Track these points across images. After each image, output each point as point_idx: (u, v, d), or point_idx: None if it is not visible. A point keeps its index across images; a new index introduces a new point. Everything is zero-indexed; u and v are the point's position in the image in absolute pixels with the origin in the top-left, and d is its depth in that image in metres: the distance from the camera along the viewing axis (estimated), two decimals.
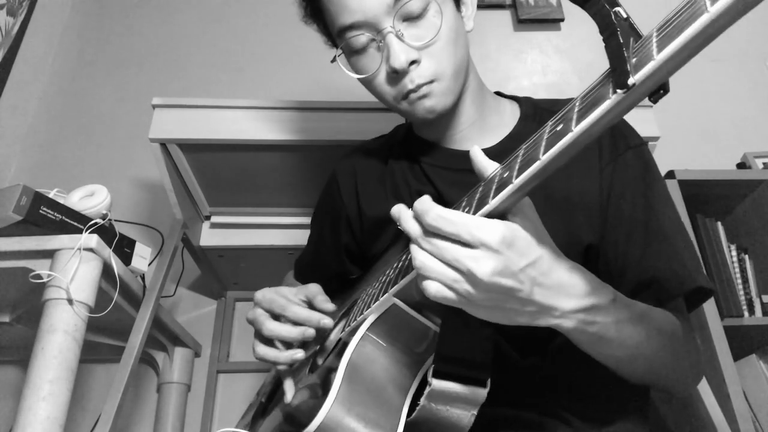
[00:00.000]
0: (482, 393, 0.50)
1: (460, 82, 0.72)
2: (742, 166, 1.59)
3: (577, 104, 0.39)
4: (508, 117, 0.79)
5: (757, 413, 1.27)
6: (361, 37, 0.68)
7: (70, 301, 0.84)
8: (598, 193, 0.69)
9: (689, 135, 1.71)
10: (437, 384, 0.49)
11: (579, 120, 0.37)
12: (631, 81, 0.33)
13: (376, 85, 0.71)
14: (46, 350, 0.81)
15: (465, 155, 0.74)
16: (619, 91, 0.34)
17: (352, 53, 0.71)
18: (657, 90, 0.35)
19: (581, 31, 1.93)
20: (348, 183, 0.87)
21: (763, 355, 1.31)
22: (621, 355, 0.55)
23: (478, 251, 0.42)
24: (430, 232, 0.44)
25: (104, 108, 1.79)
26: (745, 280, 1.37)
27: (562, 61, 1.89)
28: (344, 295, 0.80)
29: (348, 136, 1.11)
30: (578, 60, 1.89)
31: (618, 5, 0.37)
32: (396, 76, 0.68)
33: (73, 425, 1.34)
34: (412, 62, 0.67)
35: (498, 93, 0.83)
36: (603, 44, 0.37)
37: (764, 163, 1.56)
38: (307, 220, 1.32)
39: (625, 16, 0.37)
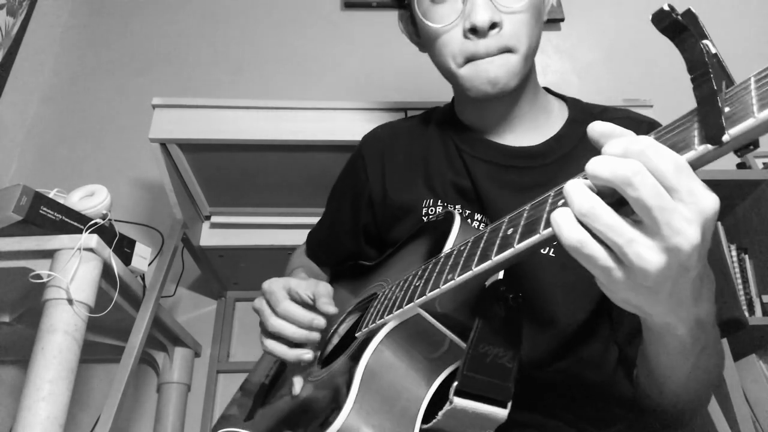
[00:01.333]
0: (502, 413, 0.49)
1: (528, 67, 0.69)
2: (742, 166, 1.59)
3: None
4: (556, 117, 0.76)
5: (757, 413, 1.27)
6: None
7: (70, 301, 0.84)
8: None
9: None
10: (459, 402, 0.48)
11: None
12: (725, 138, 0.30)
13: (445, 39, 0.68)
14: (46, 350, 0.81)
15: (505, 149, 0.74)
16: (709, 145, 0.31)
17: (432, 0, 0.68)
18: (747, 145, 0.31)
19: (581, 31, 1.93)
20: (375, 161, 0.84)
21: (763, 355, 1.31)
22: (694, 371, 0.52)
23: (690, 211, 0.33)
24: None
25: (104, 108, 1.79)
26: (745, 280, 1.37)
27: (562, 61, 1.89)
28: (356, 282, 0.78)
29: (348, 136, 1.10)
30: (578, 60, 1.89)
31: (707, 37, 0.33)
32: (472, 35, 0.65)
33: (73, 425, 1.34)
34: (493, 26, 0.64)
35: (546, 89, 0.81)
36: (691, 86, 0.32)
37: (764, 163, 1.55)
38: (307, 220, 1.32)
39: (713, 51, 0.32)
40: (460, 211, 0.73)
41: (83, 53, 1.88)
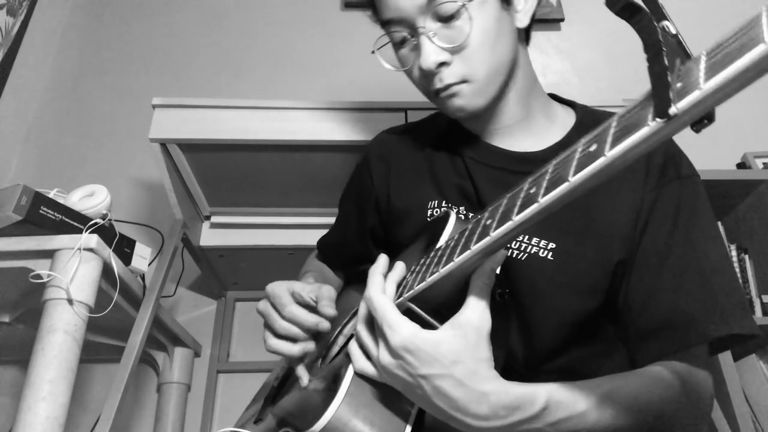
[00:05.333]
0: None
1: (496, 84, 0.70)
2: (742, 166, 1.59)
3: (614, 125, 0.36)
4: (560, 123, 0.76)
5: (757, 413, 1.27)
6: (398, 33, 0.69)
7: (70, 301, 0.84)
8: (635, 217, 0.66)
9: (689, 135, 1.71)
10: None
11: (614, 144, 0.34)
12: (672, 111, 0.31)
13: (412, 78, 0.73)
14: (46, 350, 0.81)
15: (506, 154, 0.74)
16: (658, 119, 0.32)
17: (394, 45, 0.73)
18: (701, 119, 0.31)
19: (581, 31, 1.93)
20: (380, 167, 0.86)
21: (763, 355, 1.31)
22: None
23: (383, 343, 0.52)
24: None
25: (104, 108, 1.79)
26: (745, 280, 1.37)
27: (562, 61, 1.89)
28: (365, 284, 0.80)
29: (348, 136, 1.10)
30: (578, 60, 1.89)
31: (667, 19, 0.34)
32: (426, 74, 0.69)
33: (73, 425, 1.34)
34: (442, 63, 0.66)
35: (553, 96, 0.80)
36: (646, 64, 0.33)
37: (764, 163, 1.56)
38: (307, 220, 1.33)
39: (673, 32, 0.33)
40: (465, 212, 0.74)
41: (83, 53, 1.88)
